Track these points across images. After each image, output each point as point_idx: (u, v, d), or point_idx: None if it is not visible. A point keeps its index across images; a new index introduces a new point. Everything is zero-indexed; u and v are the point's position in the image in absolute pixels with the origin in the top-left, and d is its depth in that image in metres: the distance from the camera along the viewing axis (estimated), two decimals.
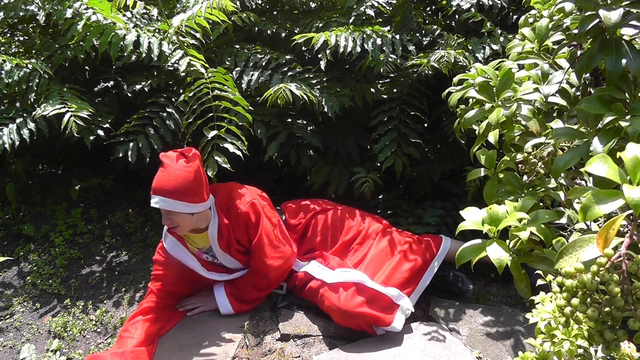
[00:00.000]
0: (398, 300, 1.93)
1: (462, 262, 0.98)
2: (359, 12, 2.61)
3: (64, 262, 2.34)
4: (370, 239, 2.17)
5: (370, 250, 2.12)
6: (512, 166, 1.25)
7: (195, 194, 1.89)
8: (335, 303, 1.90)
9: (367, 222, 2.22)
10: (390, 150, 2.42)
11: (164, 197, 1.85)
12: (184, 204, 1.87)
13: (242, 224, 2.02)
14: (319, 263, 2.10)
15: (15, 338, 1.93)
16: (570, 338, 1.09)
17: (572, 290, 0.79)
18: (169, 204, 1.86)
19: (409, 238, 2.18)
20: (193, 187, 1.87)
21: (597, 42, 1.02)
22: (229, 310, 2.04)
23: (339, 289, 1.93)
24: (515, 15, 2.59)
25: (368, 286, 1.92)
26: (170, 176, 1.86)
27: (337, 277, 1.98)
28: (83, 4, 2.20)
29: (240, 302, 2.06)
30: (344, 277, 1.96)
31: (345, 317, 1.89)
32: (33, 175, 3.05)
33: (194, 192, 1.88)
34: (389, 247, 2.12)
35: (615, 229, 0.72)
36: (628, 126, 0.91)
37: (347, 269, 2.01)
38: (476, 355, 1.87)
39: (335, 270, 2.03)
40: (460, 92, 1.39)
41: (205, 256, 2.11)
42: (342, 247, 2.17)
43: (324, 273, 2.03)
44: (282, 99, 2.16)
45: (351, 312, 1.87)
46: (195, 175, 1.88)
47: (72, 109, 2.12)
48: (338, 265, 2.06)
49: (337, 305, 1.89)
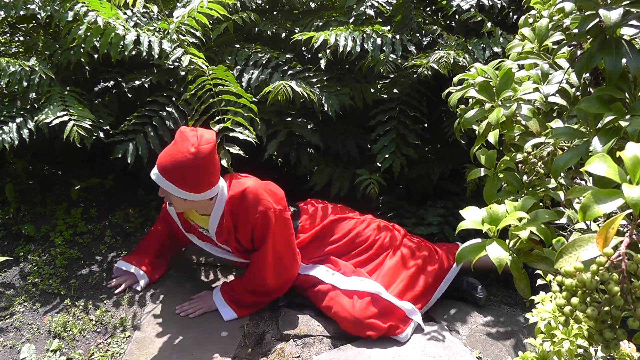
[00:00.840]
0: (411, 315, 1.93)
1: (462, 261, 0.99)
2: (359, 12, 2.61)
3: (64, 262, 2.34)
4: (387, 249, 2.12)
5: (386, 261, 2.08)
6: (512, 166, 1.25)
7: (188, 183, 1.80)
8: (349, 310, 1.88)
9: (384, 232, 2.16)
10: (389, 151, 2.42)
11: (159, 172, 1.80)
12: (174, 187, 1.80)
13: (248, 229, 1.93)
14: (327, 267, 2.05)
15: (15, 338, 1.93)
16: (570, 338, 1.09)
17: (572, 290, 0.79)
18: (161, 181, 1.81)
19: (425, 250, 2.13)
20: (188, 175, 1.78)
21: (597, 41, 1.02)
22: (232, 316, 2.00)
23: (353, 296, 1.91)
24: (515, 16, 2.59)
25: (383, 297, 1.90)
26: (172, 154, 1.78)
27: (353, 285, 1.95)
28: (83, 5, 2.20)
29: (240, 306, 2.03)
30: (360, 286, 1.93)
31: (356, 326, 1.87)
32: (33, 175, 3.05)
33: (188, 181, 1.79)
34: (405, 259, 2.08)
35: (614, 228, 0.73)
36: (628, 126, 0.91)
37: (364, 278, 1.98)
38: (476, 355, 1.87)
39: (351, 277, 1.99)
40: (460, 92, 1.39)
41: (202, 230, 2.07)
42: (356, 255, 2.12)
43: (335, 278, 1.99)
44: (282, 95, 2.16)
45: (364, 322, 1.86)
46: (196, 164, 1.76)
47: (74, 116, 2.12)
48: (352, 272, 2.02)
49: (351, 314, 1.87)
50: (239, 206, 1.91)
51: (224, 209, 1.93)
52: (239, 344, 1.90)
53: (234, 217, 1.94)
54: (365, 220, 2.20)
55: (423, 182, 2.66)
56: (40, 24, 2.72)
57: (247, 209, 1.90)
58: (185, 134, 1.79)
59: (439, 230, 2.43)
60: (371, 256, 2.12)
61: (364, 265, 2.10)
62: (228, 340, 1.92)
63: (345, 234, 2.15)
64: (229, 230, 1.96)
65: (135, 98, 2.60)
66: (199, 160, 1.76)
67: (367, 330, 1.87)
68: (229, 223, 1.94)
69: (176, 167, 1.77)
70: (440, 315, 2.08)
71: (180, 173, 1.77)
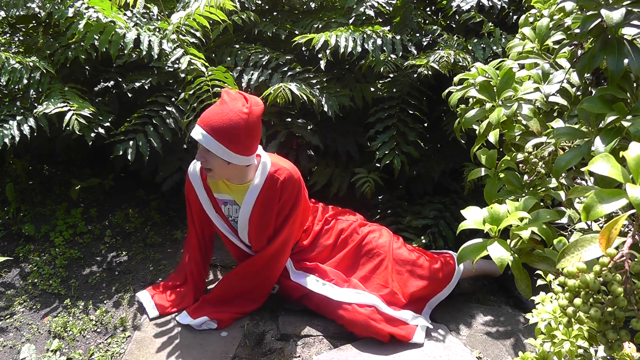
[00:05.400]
0: (413, 321, 1.92)
1: (463, 261, 0.98)
2: (358, 13, 2.61)
3: (64, 262, 2.34)
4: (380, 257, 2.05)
5: (382, 266, 2.03)
6: (513, 166, 1.25)
7: (239, 142, 1.73)
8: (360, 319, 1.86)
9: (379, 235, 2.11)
10: (388, 148, 2.42)
11: (206, 132, 1.71)
12: (223, 148, 1.73)
13: (277, 192, 1.88)
14: (317, 277, 2.02)
15: (15, 338, 1.93)
16: (571, 338, 1.09)
17: (575, 290, 0.79)
18: (208, 141, 1.72)
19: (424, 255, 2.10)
20: (240, 134, 1.71)
21: (598, 41, 1.02)
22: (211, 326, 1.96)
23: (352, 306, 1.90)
24: (515, 16, 2.59)
25: (382, 311, 1.89)
26: (221, 113, 1.71)
27: (348, 297, 1.92)
28: (84, 3, 2.20)
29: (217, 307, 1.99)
30: (356, 299, 1.91)
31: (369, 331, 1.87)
32: (33, 175, 3.05)
33: (239, 139, 1.72)
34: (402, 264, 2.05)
35: (617, 228, 0.72)
36: (630, 126, 0.91)
37: (359, 290, 1.95)
38: (476, 355, 1.86)
39: (344, 288, 1.97)
40: (461, 92, 1.39)
41: (224, 207, 2.00)
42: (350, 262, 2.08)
43: (326, 289, 1.97)
44: (281, 98, 2.15)
45: (376, 329, 1.85)
46: (248, 124, 1.71)
47: (74, 107, 2.12)
48: (344, 282, 2.00)
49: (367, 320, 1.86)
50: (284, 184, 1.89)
51: (266, 182, 1.89)
52: (239, 344, 1.90)
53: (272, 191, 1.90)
54: (361, 224, 2.16)
55: (423, 180, 2.66)
56: (40, 24, 2.72)
57: (279, 170, 1.89)
58: (230, 94, 1.74)
59: (433, 222, 2.42)
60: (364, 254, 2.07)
61: (358, 270, 2.05)
62: (228, 340, 1.92)
63: (339, 233, 2.12)
64: (265, 205, 1.91)
65: (135, 98, 2.60)
66: (250, 121, 1.71)
67: (379, 335, 1.86)
68: (265, 194, 1.90)
69: (229, 126, 1.69)
70: (440, 315, 2.08)
71: (233, 132, 1.70)
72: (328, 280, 2.00)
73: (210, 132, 1.72)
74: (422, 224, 2.43)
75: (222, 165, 1.79)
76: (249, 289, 2.03)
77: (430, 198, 2.58)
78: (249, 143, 1.77)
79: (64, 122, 2.05)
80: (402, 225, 2.46)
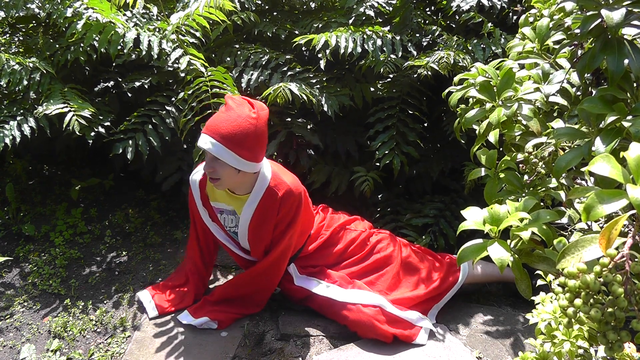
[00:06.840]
0: (418, 322, 1.92)
1: (464, 261, 0.98)
2: (358, 13, 2.61)
3: (64, 262, 2.34)
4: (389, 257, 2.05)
5: (388, 269, 2.03)
6: (513, 166, 1.24)
7: (250, 148, 1.68)
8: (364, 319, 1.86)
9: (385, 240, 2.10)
10: (388, 148, 2.42)
11: (216, 140, 1.65)
12: (234, 156, 1.67)
13: (276, 206, 1.83)
14: (321, 280, 2.00)
15: (15, 338, 1.93)
16: (571, 339, 1.09)
17: (575, 291, 0.79)
18: (218, 150, 1.66)
19: (429, 256, 2.10)
20: (250, 140, 1.67)
21: (599, 42, 1.02)
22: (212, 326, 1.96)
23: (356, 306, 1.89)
24: (515, 16, 2.59)
25: (388, 311, 1.88)
26: (229, 120, 1.66)
27: (352, 297, 1.91)
28: (83, 3, 2.20)
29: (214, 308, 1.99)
30: (361, 299, 1.90)
31: (373, 332, 1.86)
32: (33, 175, 3.05)
33: (249, 146, 1.68)
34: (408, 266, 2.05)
35: (618, 229, 0.72)
36: (630, 126, 0.91)
37: (363, 291, 1.94)
38: (476, 355, 1.86)
39: (349, 289, 1.95)
40: (461, 92, 1.39)
41: (220, 216, 1.97)
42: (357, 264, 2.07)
43: (331, 290, 1.95)
44: (281, 98, 2.15)
45: (380, 330, 1.85)
46: (257, 129, 1.67)
47: (74, 108, 2.12)
48: (349, 284, 1.97)
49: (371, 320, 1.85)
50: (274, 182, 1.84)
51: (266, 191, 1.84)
52: (239, 344, 1.90)
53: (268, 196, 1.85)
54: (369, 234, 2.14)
55: (422, 180, 2.66)
56: (40, 24, 2.72)
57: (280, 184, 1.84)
58: (235, 100, 1.70)
59: (433, 221, 2.42)
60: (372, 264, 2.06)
61: (365, 274, 2.04)
62: (228, 340, 1.92)
63: (349, 243, 2.09)
64: (264, 215, 1.87)
65: (135, 98, 2.61)
66: (259, 126, 1.68)
67: (383, 336, 1.86)
68: (265, 203, 1.85)
69: (239, 132, 1.65)
70: (440, 315, 2.08)
71: (243, 139, 1.66)
72: (332, 282, 1.99)
73: (220, 140, 1.66)
74: (423, 222, 2.43)
75: (232, 174, 1.73)
76: (248, 297, 2.03)
77: (430, 197, 2.58)
78: (259, 149, 1.73)
79: (64, 122, 2.06)
80: (402, 223, 2.47)
